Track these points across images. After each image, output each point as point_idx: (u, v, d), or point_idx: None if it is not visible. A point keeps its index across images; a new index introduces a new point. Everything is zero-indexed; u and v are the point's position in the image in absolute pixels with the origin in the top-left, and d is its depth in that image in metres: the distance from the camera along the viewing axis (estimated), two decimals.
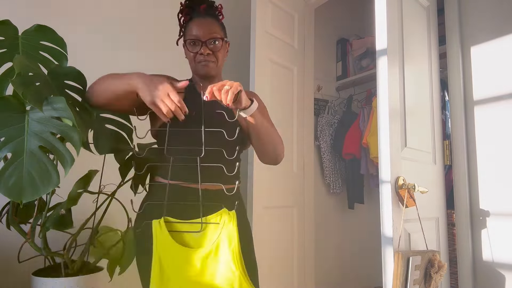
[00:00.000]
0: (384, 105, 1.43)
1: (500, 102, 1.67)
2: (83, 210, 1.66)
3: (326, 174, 2.68)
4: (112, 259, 1.47)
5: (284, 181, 2.15)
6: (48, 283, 1.21)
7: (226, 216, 1.08)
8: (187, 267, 1.03)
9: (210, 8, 1.24)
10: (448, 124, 1.92)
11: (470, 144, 1.76)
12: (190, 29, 1.21)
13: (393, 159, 1.41)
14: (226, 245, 1.05)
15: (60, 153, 1.04)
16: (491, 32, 1.71)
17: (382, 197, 1.39)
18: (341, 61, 2.87)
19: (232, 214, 1.08)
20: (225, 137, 1.07)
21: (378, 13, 1.50)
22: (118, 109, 1.19)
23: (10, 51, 1.22)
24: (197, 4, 1.23)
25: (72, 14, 1.79)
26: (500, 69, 1.68)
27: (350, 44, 2.86)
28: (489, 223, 1.66)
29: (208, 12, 1.23)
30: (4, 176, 0.98)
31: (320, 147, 2.68)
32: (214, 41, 1.20)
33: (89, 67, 1.80)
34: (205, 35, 1.19)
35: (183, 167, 1.12)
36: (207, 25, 1.20)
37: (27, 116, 1.05)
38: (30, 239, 1.22)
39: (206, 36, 1.19)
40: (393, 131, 1.43)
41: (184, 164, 1.12)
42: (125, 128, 1.44)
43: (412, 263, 1.31)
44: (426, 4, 1.84)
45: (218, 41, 1.21)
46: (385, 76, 1.44)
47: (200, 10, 1.22)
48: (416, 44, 1.72)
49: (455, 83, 1.82)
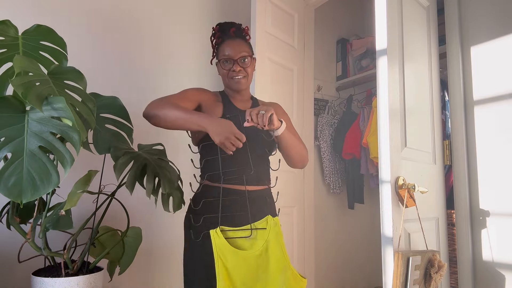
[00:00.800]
0: (384, 105, 1.43)
1: (500, 102, 1.67)
2: (83, 210, 1.66)
3: (326, 174, 2.68)
4: (112, 259, 1.47)
5: (284, 181, 2.15)
6: (48, 283, 1.21)
7: (271, 221, 1.30)
8: (244, 265, 1.24)
9: (239, 31, 1.41)
10: (448, 124, 1.92)
11: (470, 144, 1.76)
12: (223, 50, 1.38)
13: (393, 159, 1.41)
14: (274, 245, 1.27)
15: (60, 153, 1.04)
16: (491, 32, 1.71)
17: (382, 197, 1.39)
18: (341, 61, 2.87)
19: (276, 219, 1.32)
20: (266, 152, 1.38)
21: (378, 13, 1.50)
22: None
23: (10, 51, 1.22)
24: (227, 28, 1.40)
25: (72, 14, 1.79)
26: (500, 69, 1.68)
27: (350, 44, 2.87)
28: (489, 223, 1.66)
29: (237, 34, 1.40)
30: (4, 176, 0.98)
31: (320, 147, 2.68)
32: (244, 59, 1.37)
33: (89, 66, 1.80)
34: (236, 54, 1.36)
35: (231, 172, 1.32)
36: (237, 46, 1.38)
37: (27, 116, 1.05)
38: (30, 239, 1.22)
39: (237, 55, 1.36)
40: (393, 131, 1.43)
41: (233, 170, 1.32)
42: (125, 128, 1.44)
43: (412, 263, 1.32)
44: (426, 4, 1.84)
45: (247, 59, 1.38)
46: (385, 76, 1.44)
47: (230, 33, 1.39)
48: (416, 44, 1.72)
49: (455, 83, 1.82)
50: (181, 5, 2.15)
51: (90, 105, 1.20)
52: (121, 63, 1.91)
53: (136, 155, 1.35)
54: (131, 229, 1.51)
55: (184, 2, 2.17)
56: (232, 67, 1.36)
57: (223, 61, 1.37)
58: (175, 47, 2.12)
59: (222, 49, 1.38)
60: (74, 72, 1.23)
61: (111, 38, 1.90)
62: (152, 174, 1.31)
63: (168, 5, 2.11)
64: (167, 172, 1.38)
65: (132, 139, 1.45)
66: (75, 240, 1.32)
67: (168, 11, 2.11)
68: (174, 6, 2.13)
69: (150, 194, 1.29)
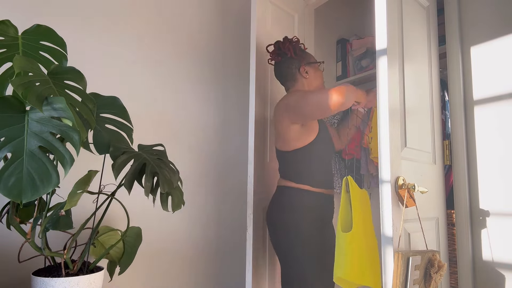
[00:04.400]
0: (384, 105, 1.43)
1: (500, 102, 1.67)
2: (83, 210, 1.66)
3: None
4: (112, 259, 1.47)
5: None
6: (48, 283, 1.21)
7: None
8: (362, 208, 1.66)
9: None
10: (448, 124, 1.92)
11: (470, 144, 1.76)
12: (310, 56, 1.90)
13: (393, 159, 1.41)
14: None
15: (60, 153, 1.04)
16: (491, 32, 1.71)
17: (382, 197, 1.39)
18: (341, 61, 2.87)
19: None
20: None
21: (378, 13, 1.50)
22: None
23: (10, 51, 1.22)
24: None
25: (72, 14, 1.79)
26: (500, 69, 1.68)
27: (350, 44, 2.86)
28: (489, 223, 1.66)
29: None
30: (4, 176, 0.98)
31: None
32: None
33: (90, 66, 1.81)
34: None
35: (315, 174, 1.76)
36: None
37: (27, 116, 1.05)
38: (30, 239, 1.21)
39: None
40: (393, 131, 1.43)
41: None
42: (125, 128, 1.44)
43: (412, 263, 1.32)
44: (426, 4, 1.84)
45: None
46: (385, 76, 1.44)
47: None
48: (416, 44, 1.72)
49: (455, 83, 1.82)
50: (180, 6, 2.15)
51: (90, 105, 1.20)
52: (122, 62, 1.91)
53: (135, 154, 1.35)
54: (131, 229, 1.51)
55: (184, 2, 2.17)
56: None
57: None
58: (175, 47, 2.12)
59: (308, 56, 1.90)
60: (74, 72, 1.23)
61: (111, 38, 1.90)
62: (151, 174, 1.31)
63: (167, 6, 2.11)
64: (167, 172, 1.38)
65: (132, 139, 1.45)
66: (75, 240, 1.32)
67: (167, 12, 2.11)
68: (173, 9, 2.13)
69: (148, 193, 1.29)
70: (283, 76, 1.88)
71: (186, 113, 2.11)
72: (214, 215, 2.16)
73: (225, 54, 2.31)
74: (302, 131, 1.72)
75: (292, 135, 1.72)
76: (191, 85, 2.16)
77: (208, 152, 2.18)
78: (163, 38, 2.07)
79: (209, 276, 2.11)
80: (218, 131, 2.24)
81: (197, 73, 2.18)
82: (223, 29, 2.31)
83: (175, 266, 1.99)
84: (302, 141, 1.72)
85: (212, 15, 2.28)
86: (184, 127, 2.09)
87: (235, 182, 2.27)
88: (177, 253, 2.01)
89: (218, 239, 2.17)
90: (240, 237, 2.25)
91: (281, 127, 1.73)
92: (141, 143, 1.60)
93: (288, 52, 1.82)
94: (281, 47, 1.84)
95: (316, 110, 1.62)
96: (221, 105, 2.27)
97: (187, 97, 2.12)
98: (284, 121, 1.71)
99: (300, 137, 1.72)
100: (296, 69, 1.84)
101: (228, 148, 2.27)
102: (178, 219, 2.02)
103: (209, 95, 2.22)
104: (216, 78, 2.26)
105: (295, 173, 1.75)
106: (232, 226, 2.23)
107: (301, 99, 1.66)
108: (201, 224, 2.11)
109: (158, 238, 1.94)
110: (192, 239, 2.06)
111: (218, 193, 2.19)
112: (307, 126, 1.74)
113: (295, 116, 1.68)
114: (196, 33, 2.19)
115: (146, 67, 2.00)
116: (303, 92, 1.72)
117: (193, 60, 2.17)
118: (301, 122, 1.71)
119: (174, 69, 2.10)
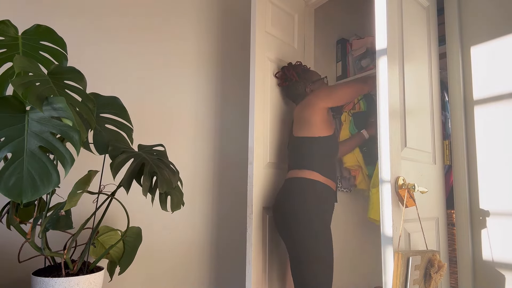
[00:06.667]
0: (384, 105, 1.43)
1: (500, 102, 1.67)
2: (83, 210, 1.66)
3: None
4: (112, 259, 1.47)
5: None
6: (48, 283, 1.21)
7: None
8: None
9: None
10: (448, 124, 1.92)
11: (470, 144, 1.76)
12: (312, 74, 2.10)
13: (393, 159, 1.41)
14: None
15: (60, 153, 1.04)
16: (491, 32, 1.71)
17: (382, 197, 1.39)
18: (341, 61, 2.87)
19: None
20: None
21: (378, 13, 1.50)
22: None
23: (10, 51, 1.22)
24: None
25: (72, 14, 1.79)
26: (500, 69, 1.68)
27: (350, 44, 2.86)
28: (489, 223, 1.66)
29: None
30: (4, 176, 0.98)
31: None
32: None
33: (90, 66, 1.81)
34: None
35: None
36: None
37: (27, 116, 1.05)
38: (30, 239, 1.21)
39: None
40: (393, 131, 1.43)
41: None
42: (125, 128, 1.44)
43: (412, 263, 1.32)
44: (426, 4, 1.84)
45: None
46: (385, 76, 1.44)
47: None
48: (416, 44, 1.72)
49: (455, 83, 1.82)
50: (180, 6, 2.15)
51: (90, 105, 1.20)
52: (122, 62, 1.91)
53: (134, 154, 1.35)
54: (131, 229, 1.51)
55: (184, 2, 2.17)
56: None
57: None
58: (175, 48, 2.12)
59: (312, 74, 2.11)
60: (74, 72, 1.23)
61: (112, 38, 1.90)
62: (150, 173, 1.31)
63: (168, 8, 2.11)
64: (166, 172, 1.38)
65: (132, 139, 1.45)
66: (75, 240, 1.32)
67: (168, 14, 2.11)
68: (174, 8, 2.13)
69: (146, 193, 1.29)
70: (293, 97, 2.10)
71: (187, 113, 2.11)
72: (214, 215, 2.17)
73: (225, 54, 2.31)
74: (327, 118, 1.90)
75: (320, 119, 1.87)
76: (192, 85, 2.16)
77: (209, 152, 2.18)
78: (163, 38, 2.07)
79: (209, 276, 2.11)
80: (218, 131, 2.24)
81: (197, 73, 2.18)
82: (223, 29, 2.31)
83: (175, 266, 1.99)
84: (325, 130, 1.88)
85: (212, 15, 2.28)
86: (184, 127, 2.10)
87: (235, 182, 2.27)
88: (177, 253, 2.01)
89: (218, 239, 2.17)
90: (240, 237, 2.25)
91: (312, 110, 1.88)
92: (141, 143, 1.60)
93: (293, 77, 2.04)
94: (287, 73, 2.06)
95: (347, 89, 1.94)
96: (221, 105, 2.27)
97: (187, 97, 2.13)
98: (316, 105, 1.88)
99: (324, 125, 1.88)
100: (303, 90, 2.05)
101: (228, 148, 2.27)
102: (178, 219, 2.02)
103: (209, 95, 2.22)
104: (216, 78, 2.26)
105: (318, 163, 1.86)
106: (232, 226, 2.23)
107: (332, 87, 1.95)
108: (201, 224, 2.11)
109: (158, 238, 1.94)
110: (192, 239, 2.06)
111: (218, 193, 2.20)
112: (330, 117, 1.94)
113: (327, 98, 1.90)
114: (196, 33, 2.19)
115: (146, 67, 2.00)
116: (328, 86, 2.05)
117: (193, 60, 2.17)
118: (332, 104, 1.90)
119: (174, 69, 2.10)
